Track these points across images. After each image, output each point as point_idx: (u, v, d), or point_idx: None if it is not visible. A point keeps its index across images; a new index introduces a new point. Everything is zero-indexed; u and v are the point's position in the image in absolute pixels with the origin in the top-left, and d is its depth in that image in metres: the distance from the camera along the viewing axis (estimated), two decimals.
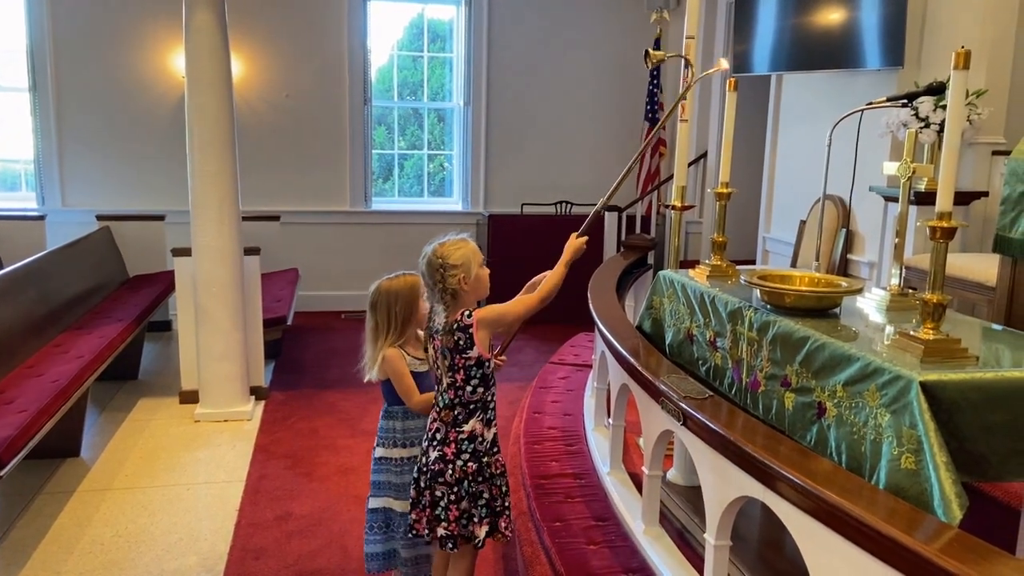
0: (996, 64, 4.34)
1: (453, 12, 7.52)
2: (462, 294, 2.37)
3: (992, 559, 1.53)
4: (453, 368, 2.38)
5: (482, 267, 2.43)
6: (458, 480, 2.39)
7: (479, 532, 2.42)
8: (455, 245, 2.38)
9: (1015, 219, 2.74)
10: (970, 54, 1.94)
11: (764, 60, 5.44)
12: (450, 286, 2.35)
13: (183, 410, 4.77)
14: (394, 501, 2.67)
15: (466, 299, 2.39)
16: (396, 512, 2.67)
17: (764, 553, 2.81)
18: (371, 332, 2.66)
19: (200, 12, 4.38)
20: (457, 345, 2.35)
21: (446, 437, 2.41)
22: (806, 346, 2.23)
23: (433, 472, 2.40)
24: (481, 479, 2.42)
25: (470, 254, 2.39)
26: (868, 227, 4.88)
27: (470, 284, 2.36)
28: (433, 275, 2.36)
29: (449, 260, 2.34)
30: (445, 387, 2.41)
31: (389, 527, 2.68)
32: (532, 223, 7.11)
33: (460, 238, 2.42)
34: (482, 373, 2.39)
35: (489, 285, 2.47)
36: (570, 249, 2.58)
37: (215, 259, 4.54)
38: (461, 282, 2.34)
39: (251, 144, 6.92)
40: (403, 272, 2.69)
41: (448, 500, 2.39)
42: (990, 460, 1.88)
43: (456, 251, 2.36)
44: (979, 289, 3.43)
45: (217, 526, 3.44)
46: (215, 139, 4.48)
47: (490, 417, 2.46)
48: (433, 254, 2.37)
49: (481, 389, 2.40)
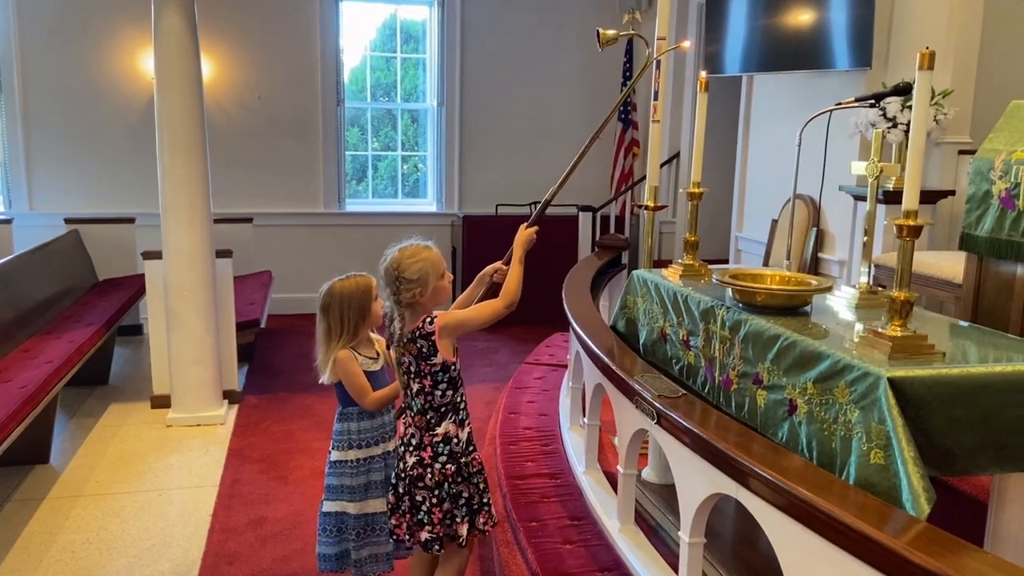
0: (962, 65, 4.41)
1: (426, 13, 7.51)
2: (418, 306, 2.33)
3: (959, 552, 1.56)
4: (420, 374, 2.35)
5: (442, 278, 2.35)
6: (438, 483, 2.37)
7: (461, 531, 2.42)
8: (413, 256, 2.30)
9: (980, 217, 2.79)
10: (934, 55, 1.97)
11: (735, 61, 5.48)
12: (404, 299, 2.30)
13: (155, 415, 4.72)
14: (348, 504, 2.65)
15: (424, 308, 2.34)
16: (350, 515, 2.65)
17: (738, 550, 2.83)
18: (323, 335, 2.63)
19: (169, 14, 4.33)
20: (420, 352, 2.32)
21: (421, 442, 2.39)
22: (777, 344, 2.26)
23: (412, 477, 2.39)
24: (460, 479, 2.41)
25: (428, 267, 2.30)
26: (838, 226, 4.95)
27: (427, 297, 2.31)
28: (389, 285, 2.31)
29: (404, 274, 2.28)
30: (415, 392, 2.38)
31: (342, 530, 2.66)
32: (507, 224, 7.04)
33: (421, 245, 2.34)
34: (449, 377, 2.36)
35: (451, 293, 2.42)
36: (520, 242, 2.49)
37: (186, 262, 4.50)
38: (416, 296, 2.29)
39: (223, 146, 6.85)
40: (355, 273, 2.65)
41: (430, 504, 2.38)
42: (957, 454, 1.91)
43: (413, 264, 2.29)
44: (947, 286, 3.49)
45: (190, 532, 3.41)
46: (185, 141, 4.43)
47: (462, 417, 2.43)
48: (391, 263, 2.31)
49: (450, 392, 2.38)
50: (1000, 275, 2.80)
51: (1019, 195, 2.64)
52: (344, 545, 2.67)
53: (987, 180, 2.77)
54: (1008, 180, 2.68)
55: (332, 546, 2.68)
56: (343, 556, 2.68)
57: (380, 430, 2.68)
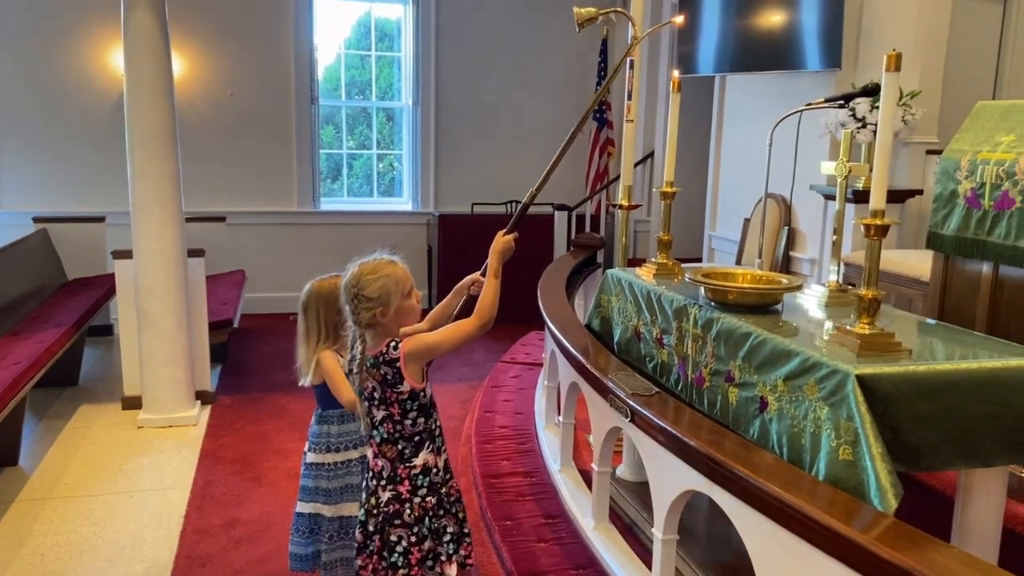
0: (929, 66, 4.48)
1: (401, 11, 7.48)
2: (380, 327, 2.09)
3: (925, 546, 1.59)
4: (386, 402, 2.12)
5: (408, 296, 2.11)
6: (418, 519, 2.15)
7: (450, 571, 2.19)
8: (374, 272, 2.07)
9: (947, 216, 2.83)
10: (901, 57, 2.01)
11: (709, 61, 5.52)
12: (363, 319, 2.06)
13: (126, 416, 4.66)
14: (323, 506, 2.63)
15: (387, 330, 2.10)
16: (325, 517, 2.63)
17: (711, 546, 2.86)
18: (302, 335, 2.59)
19: (139, 9, 4.28)
20: (385, 379, 2.09)
21: (396, 475, 2.15)
22: (748, 342, 2.28)
23: (387, 515, 2.14)
24: (443, 512, 2.21)
25: (391, 285, 2.06)
26: (809, 225, 5.00)
27: (389, 318, 2.07)
28: (348, 303, 2.08)
29: (364, 291, 2.04)
30: (379, 420, 2.14)
31: (315, 531, 2.63)
32: (483, 223, 7.10)
33: (385, 260, 2.10)
34: (419, 404, 2.14)
35: (419, 313, 2.19)
36: (497, 252, 2.21)
37: (157, 262, 4.45)
38: (377, 316, 2.05)
39: (195, 144, 6.78)
40: (337, 273, 2.61)
41: (408, 543, 2.14)
42: (923, 450, 1.94)
43: (375, 281, 2.05)
44: (915, 284, 3.54)
45: (162, 534, 3.37)
46: (156, 139, 4.38)
47: (439, 445, 2.22)
48: (349, 279, 2.08)
49: (422, 420, 2.15)
50: (966, 273, 2.85)
51: (984, 195, 2.69)
52: (317, 546, 2.66)
53: (953, 180, 2.81)
54: (974, 180, 2.73)
55: (304, 546, 2.67)
56: (315, 556, 2.67)
57: (359, 434, 2.65)
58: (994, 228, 2.65)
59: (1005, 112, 2.80)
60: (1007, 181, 2.60)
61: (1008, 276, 2.68)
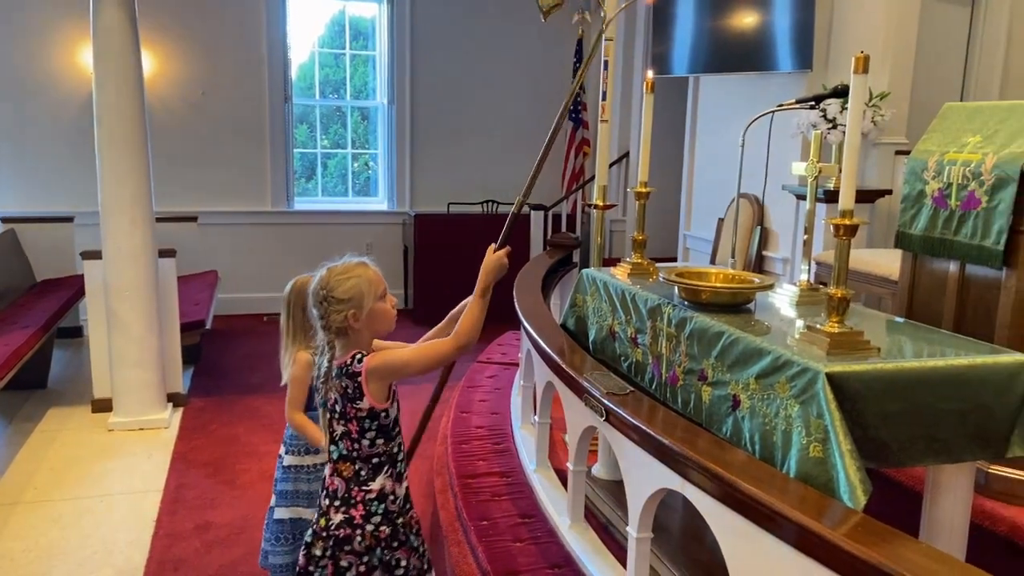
0: (898, 68, 4.54)
1: (375, 10, 7.45)
2: (352, 332, 1.96)
3: (894, 542, 1.61)
4: (345, 417, 1.99)
5: (382, 299, 1.99)
6: (369, 548, 2.01)
7: None
8: (344, 273, 1.95)
9: (915, 216, 2.87)
10: (868, 59, 2.03)
11: (683, 62, 5.56)
12: (334, 323, 1.94)
13: (96, 419, 4.60)
14: (305, 510, 2.59)
15: (359, 337, 1.98)
16: (307, 521, 2.53)
17: (685, 544, 2.88)
18: (283, 331, 2.59)
19: (108, 8, 4.23)
20: (346, 392, 1.97)
21: (350, 496, 2.01)
22: (721, 341, 2.30)
23: (337, 539, 2.01)
24: (396, 544, 2.05)
25: (363, 285, 1.95)
26: (781, 224, 5.05)
27: (362, 322, 1.94)
28: (317, 308, 1.96)
29: (334, 293, 1.92)
30: (339, 436, 2.01)
31: (297, 537, 2.59)
32: (459, 222, 7.11)
33: (355, 262, 1.99)
34: (378, 425, 2.00)
35: (394, 318, 2.04)
36: (488, 270, 2.10)
37: (127, 262, 4.39)
38: (349, 319, 1.93)
39: (167, 143, 6.71)
40: None
41: (358, 571, 2.01)
42: (892, 447, 1.97)
43: (345, 281, 1.93)
44: (884, 283, 3.59)
45: (133, 538, 3.33)
46: (126, 138, 4.33)
47: (400, 471, 2.07)
48: (318, 283, 1.96)
49: (381, 441, 2.01)
50: (934, 273, 2.89)
51: (951, 195, 2.73)
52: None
53: (921, 180, 2.85)
54: (941, 180, 2.77)
55: (287, 555, 2.61)
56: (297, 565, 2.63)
57: None
58: (961, 228, 2.69)
59: (971, 113, 2.84)
60: (973, 181, 2.64)
61: (974, 275, 2.73)
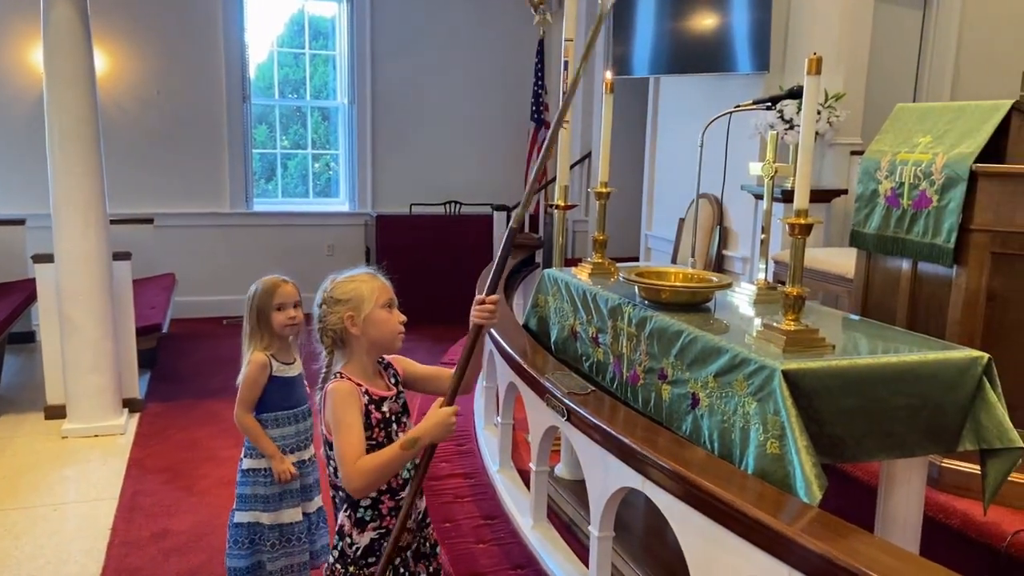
0: (853, 69, 4.63)
1: (335, 9, 7.38)
2: (351, 339, 1.82)
3: (848, 536, 1.64)
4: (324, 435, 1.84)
5: (384, 308, 1.84)
6: None
7: None
8: (349, 279, 1.85)
9: (868, 215, 2.93)
10: (821, 60, 2.06)
11: (643, 63, 5.60)
12: (330, 325, 1.81)
13: (49, 426, 4.49)
14: (262, 514, 2.56)
15: (357, 346, 1.83)
16: (264, 525, 2.55)
17: (647, 542, 2.90)
18: (244, 332, 2.59)
19: (59, 5, 4.13)
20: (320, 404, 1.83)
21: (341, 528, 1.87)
22: (680, 340, 2.32)
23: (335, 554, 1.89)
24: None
25: (365, 290, 1.82)
26: (740, 224, 5.11)
27: (360, 327, 1.80)
28: (318, 309, 1.86)
29: (334, 293, 1.83)
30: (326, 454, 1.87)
31: (255, 542, 2.55)
32: (421, 223, 7.08)
33: (365, 271, 1.88)
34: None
35: (397, 333, 1.86)
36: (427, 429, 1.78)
37: (80, 265, 4.30)
38: (346, 322, 1.80)
39: (121, 144, 6.57)
40: (278, 275, 2.58)
41: None
42: (847, 442, 2.00)
43: (347, 283, 1.84)
44: (841, 281, 3.65)
45: (88, 547, 3.26)
46: (78, 138, 4.23)
47: (364, 518, 1.83)
48: (323, 291, 1.86)
49: None
50: (887, 271, 2.95)
51: (903, 194, 2.79)
52: (258, 557, 2.58)
53: (874, 180, 2.91)
54: (893, 180, 2.83)
55: (244, 559, 2.58)
56: (256, 568, 2.59)
57: (296, 438, 2.60)
58: (912, 226, 2.74)
59: (923, 114, 2.90)
60: (924, 181, 2.70)
61: (926, 272, 2.78)
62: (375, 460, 1.73)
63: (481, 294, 1.86)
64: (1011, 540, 2.41)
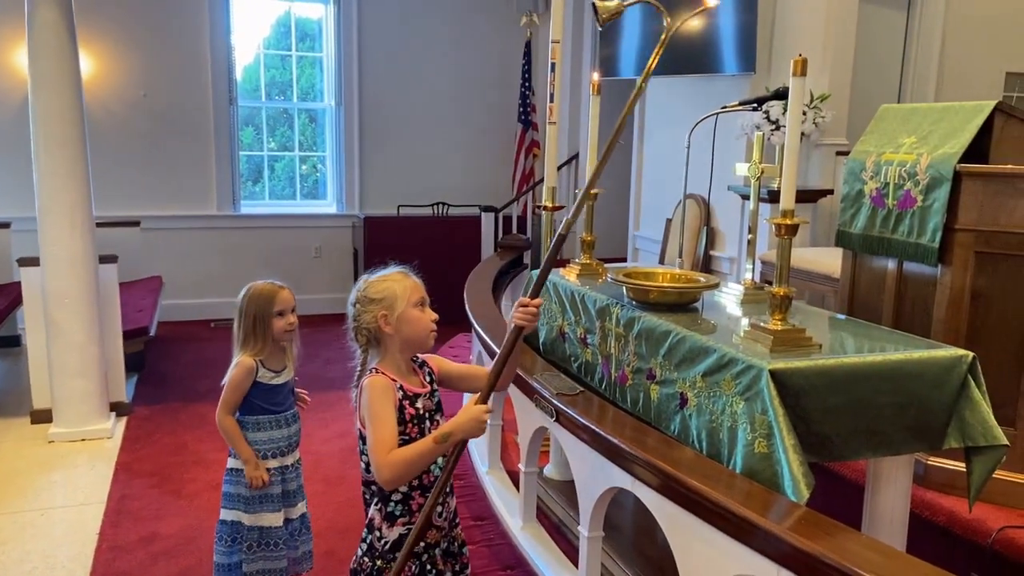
0: (838, 70, 4.66)
1: (322, 11, 7.37)
2: (384, 338, 1.85)
3: (836, 533, 1.65)
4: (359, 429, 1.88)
5: (416, 307, 1.87)
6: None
7: None
8: (381, 279, 1.88)
9: (854, 215, 2.95)
10: (807, 62, 2.08)
11: (630, 64, 5.62)
12: (365, 324, 1.84)
13: (35, 430, 4.46)
14: (243, 514, 2.56)
15: (391, 345, 1.86)
16: (244, 526, 2.56)
17: (637, 542, 2.91)
18: (234, 336, 2.58)
19: (43, 8, 4.11)
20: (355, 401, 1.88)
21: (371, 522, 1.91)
22: (668, 340, 2.33)
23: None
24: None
25: (397, 288, 1.85)
26: (728, 224, 5.14)
27: (393, 326, 1.83)
28: (351, 309, 1.89)
29: (367, 293, 1.86)
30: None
31: (236, 540, 2.56)
32: (409, 224, 7.07)
33: (397, 270, 1.91)
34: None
35: (429, 330, 1.89)
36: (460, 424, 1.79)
37: (66, 269, 4.27)
38: (380, 321, 1.83)
39: (107, 146, 6.53)
40: (272, 280, 2.58)
41: None
42: (834, 441, 2.02)
43: (380, 283, 1.87)
44: (827, 281, 3.67)
45: (75, 552, 3.24)
46: (64, 141, 4.21)
47: (394, 512, 1.87)
48: (356, 292, 1.90)
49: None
50: (873, 270, 2.97)
51: (888, 194, 2.81)
52: (239, 556, 2.58)
53: (859, 180, 2.93)
54: (878, 180, 2.85)
55: (228, 555, 2.58)
56: (239, 566, 2.59)
57: (279, 442, 2.60)
58: (898, 226, 2.77)
59: (907, 115, 2.93)
60: (909, 181, 2.72)
61: (911, 272, 2.81)
62: (407, 452, 1.77)
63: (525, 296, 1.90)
64: (996, 536, 2.43)
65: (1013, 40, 5.67)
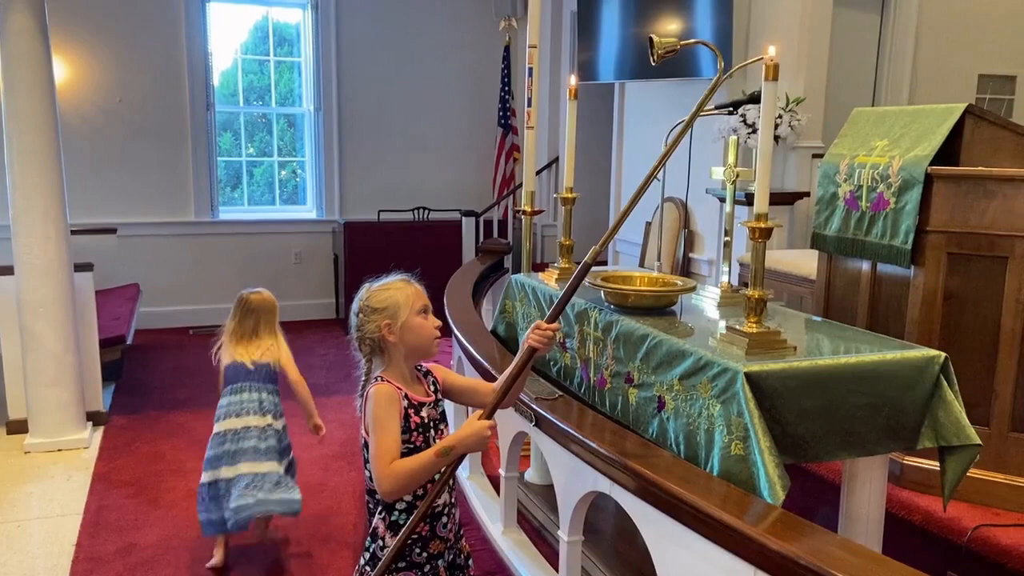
0: (813, 73, 4.70)
1: (299, 15, 7.34)
2: (388, 347, 1.85)
3: (811, 535, 1.66)
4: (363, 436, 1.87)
5: (419, 315, 1.87)
6: None
7: None
8: (383, 287, 1.88)
9: (828, 218, 2.98)
10: (779, 66, 2.10)
11: (608, 69, 5.64)
12: (368, 334, 1.84)
13: (10, 441, 4.40)
14: (224, 469, 2.93)
15: (395, 353, 1.86)
16: (223, 479, 2.93)
17: (618, 545, 2.91)
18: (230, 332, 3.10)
19: (16, 14, 4.06)
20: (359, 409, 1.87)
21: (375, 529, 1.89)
22: (646, 343, 2.34)
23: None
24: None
25: (400, 298, 1.85)
26: (706, 227, 5.17)
27: (397, 335, 1.83)
28: (354, 318, 1.88)
29: (370, 302, 1.85)
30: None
31: (218, 497, 2.93)
32: (390, 229, 7.05)
33: (399, 278, 1.91)
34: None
35: (433, 339, 1.90)
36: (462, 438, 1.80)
37: (41, 277, 4.22)
38: (383, 330, 1.83)
39: (83, 153, 6.47)
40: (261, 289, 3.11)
41: None
42: (809, 442, 2.03)
43: (383, 292, 1.86)
44: (804, 283, 3.70)
45: (52, 564, 3.20)
46: (37, 148, 4.16)
47: (398, 520, 1.84)
48: (358, 300, 1.89)
49: None
50: (847, 272, 3.00)
51: (862, 196, 2.84)
52: (221, 512, 2.93)
53: (833, 183, 2.96)
54: (852, 183, 2.88)
55: (213, 511, 2.96)
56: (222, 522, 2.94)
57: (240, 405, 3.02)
58: (871, 228, 2.80)
59: (879, 118, 2.96)
60: (882, 184, 2.75)
61: (885, 273, 2.84)
62: (408, 464, 1.77)
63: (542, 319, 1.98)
64: (972, 535, 2.46)
65: (986, 42, 5.75)
